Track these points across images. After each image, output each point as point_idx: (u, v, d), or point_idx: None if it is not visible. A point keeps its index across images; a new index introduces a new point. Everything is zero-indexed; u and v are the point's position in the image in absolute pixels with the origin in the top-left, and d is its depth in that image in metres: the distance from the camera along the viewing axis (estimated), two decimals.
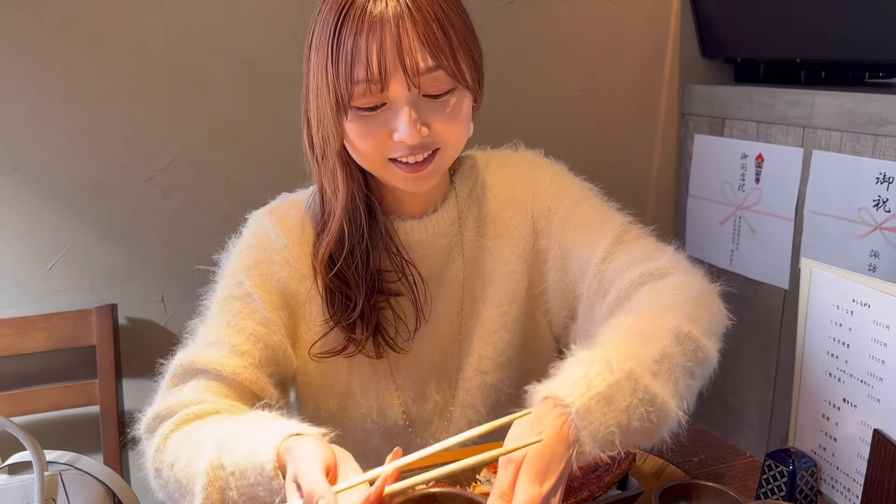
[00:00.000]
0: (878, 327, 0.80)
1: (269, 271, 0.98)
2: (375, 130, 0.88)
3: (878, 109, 1.40)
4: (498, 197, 1.08)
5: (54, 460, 1.24)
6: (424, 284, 1.02)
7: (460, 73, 0.89)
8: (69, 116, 1.35)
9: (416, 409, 1.05)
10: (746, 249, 1.72)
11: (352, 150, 0.93)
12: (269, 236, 1.00)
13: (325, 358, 1.00)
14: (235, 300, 0.97)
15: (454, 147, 0.94)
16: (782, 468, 0.88)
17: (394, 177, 0.92)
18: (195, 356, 0.95)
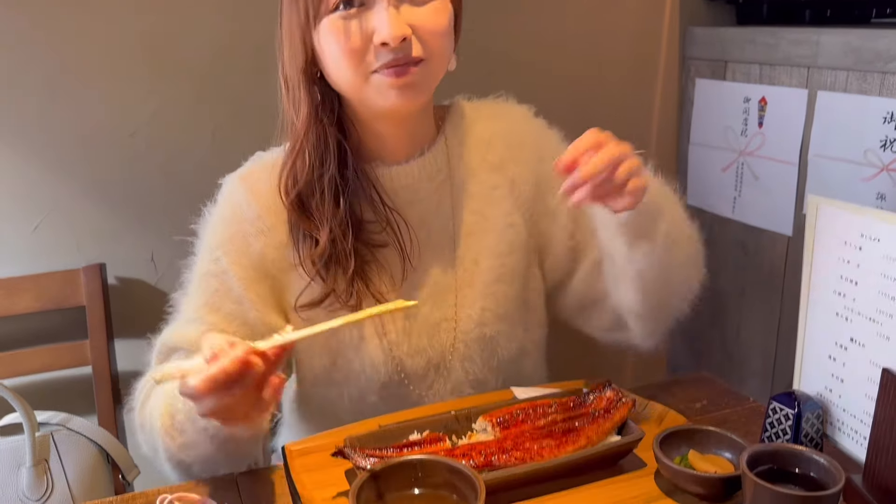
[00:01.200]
0: (889, 262, 0.76)
1: (244, 245, 0.97)
2: (353, 33, 0.84)
3: (886, 46, 1.35)
4: (495, 147, 1.05)
5: (45, 421, 1.22)
6: (410, 231, 0.98)
7: None
8: (46, 73, 1.30)
9: (411, 364, 1.02)
10: (749, 196, 1.68)
11: (332, 70, 0.89)
12: (241, 206, 0.97)
13: (308, 310, 0.96)
14: (213, 277, 0.97)
15: (439, 59, 0.90)
16: (787, 411, 0.85)
17: (378, 90, 0.88)
18: (176, 336, 0.96)
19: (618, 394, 0.90)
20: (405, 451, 0.81)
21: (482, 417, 0.89)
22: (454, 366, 1.04)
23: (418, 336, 1.02)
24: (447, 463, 0.73)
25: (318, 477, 0.84)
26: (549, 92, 1.69)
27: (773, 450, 0.75)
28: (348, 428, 0.92)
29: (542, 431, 0.86)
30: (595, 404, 0.90)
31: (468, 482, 0.71)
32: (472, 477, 0.70)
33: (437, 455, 0.77)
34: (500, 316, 1.05)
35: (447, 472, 0.73)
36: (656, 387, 1.06)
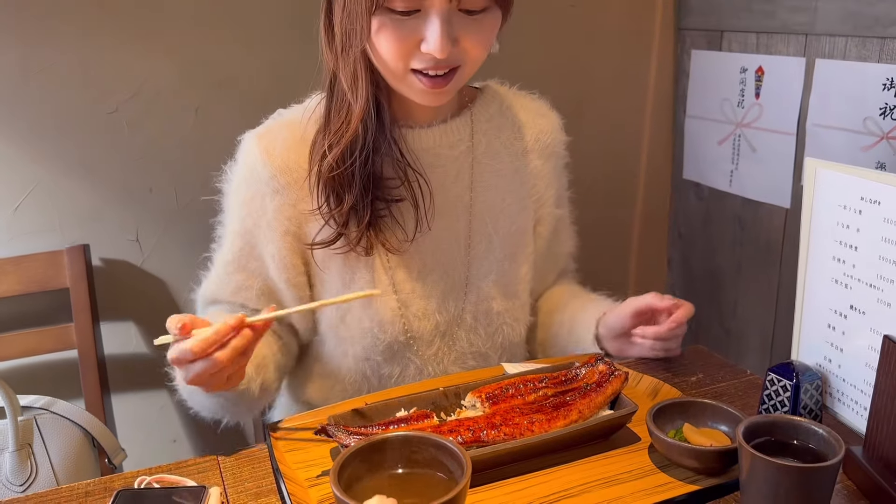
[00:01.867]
0: (890, 225, 0.73)
1: (262, 204, 1.00)
2: (404, 36, 0.87)
3: (886, 10, 1.31)
4: (525, 136, 1.10)
5: (29, 405, 1.20)
6: (430, 190, 1.00)
7: None
8: (24, 51, 1.27)
9: (418, 327, 1.04)
10: (746, 169, 1.65)
11: (374, 54, 0.91)
12: (256, 167, 1.00)
13: (321, 250, 0.99)
14: (237, 236, 1.02)
15: (473, 65, 0.93)
16: (785, 382, 0.83)
17: (411, 88, 0.92)
18: (210, 290, 1.05)
19: (610, 367, 0.87)
20: (391, 429, 0.79)
21: (471, 393, 0.86)
22: (460, 336, 1.06)
23: (427, 299, 1.04)
24: (432, 439, 0.70)
25: (302, 456, 0.82)
26: (544, 64, 1.66)
27: (770, 421, 0.72)
28: (334, 406, 0.89)
29: (533, 406, 0.83)
30: (587, 378, 0.88)
31: (455, 458, 0.68)
32: (459, 453, 0.67)
33: (424, 431, 0.74)
34: (508, 293, 1.08)
35: (433, 449, 0.70)
36: (651, 360, 1.03)
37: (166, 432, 1.52)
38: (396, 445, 0.71)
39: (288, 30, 1.41)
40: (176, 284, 1.46)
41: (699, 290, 1.85)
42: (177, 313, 1.11)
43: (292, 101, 1.05)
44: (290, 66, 1.42)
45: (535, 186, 1.10)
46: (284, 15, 1.40)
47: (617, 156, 1.82)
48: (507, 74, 1.13)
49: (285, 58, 1.42)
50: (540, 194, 1.11)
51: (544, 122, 1.12)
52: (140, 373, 1.46)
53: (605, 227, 1.84)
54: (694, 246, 1.85)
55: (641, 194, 1.88)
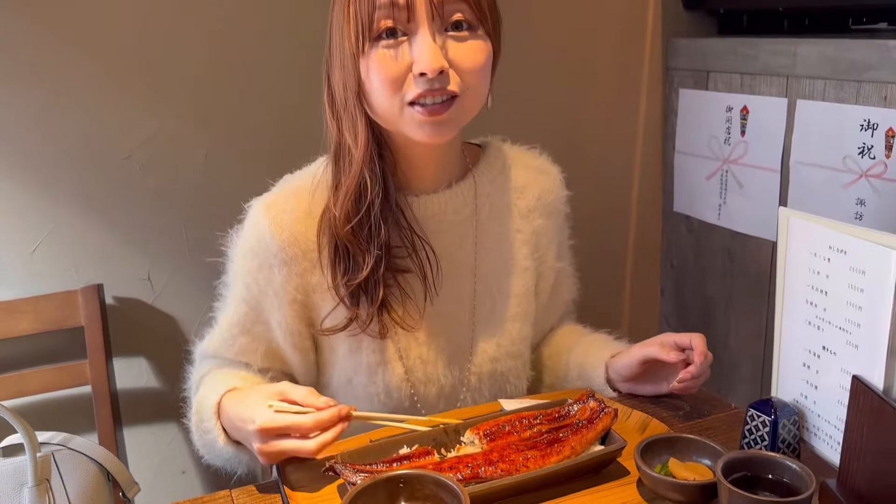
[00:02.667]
0: (855, 273, 0.79)
1: (270, 274, 1.01)
2: (395, 62, 0.88)
3: (861, 56, 1.38)
4: (527, 196, 1.11)
5: (46, 441, 1.24)
6: (436, 259, 1.01)
7: (482, 14, 0.90)
8: (43, 98, 1.33)
9: (424, 391, 1.06)
10: (734, 203, 1.71)
11: (371, 97, 0.92)
12: (264, 239, 1.00)
13: (331, 334, 1.02)
14: (243, 301, 1.04)
15: (473, 96, 0.93)
16: (764, 418, 0.88)
17: (411, 123, 0.91)
18: (211, 347, 1.08)
19: (601, 404, 0.93)
20: (394, 466, 0.84)
21: (470, 430, 0.92)
22: (465, 397, 1.09)
23: (434, 364, 1.06)
24: (433, 477, 0.75)
25: (312, 492, 0.87)
26: (537, 105, 1.73)
27: (747, 457, 0.78)
28: (341, 443, 0.95)
29: (528, 443, 0.89)
30: (579, 415, 0.93)
31: (454, 495, 0.73)
32: (458, 490, 0.73)
33: (425, 469, 0.80)
34: (512, 353, 1.10)
35: (433, 486, 0.76)
36: (640, 396, 1.08)
37: (176, 464, 1.57)
38: (400, 483, 0.76)
39: (295, 77, 1.48)
40: (186, 321, 1.51)
41: (692, 320, 1.91)
42: (187, 348, 1.19)
43: (296, 145, 1.09)
44: (297, 111, 1.49)
45: (537, 245, 1.12)
46: (292, 63, 1.47)
47: (609, 190, 1.88)
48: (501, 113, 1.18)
49: (292, 104, 1.49)
50: (542, 252, 1.13)
51: (546, 181, 1.13)
52: (151, 407, 1.52)
53: (600, 259, 1.90)
54: (686, 276, 1.91)
55: (634, 226, 1.94)
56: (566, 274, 1.21)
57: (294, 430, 0.86)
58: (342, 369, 1.06)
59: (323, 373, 1.09)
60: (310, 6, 1.46)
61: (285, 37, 1.46)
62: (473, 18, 0.90)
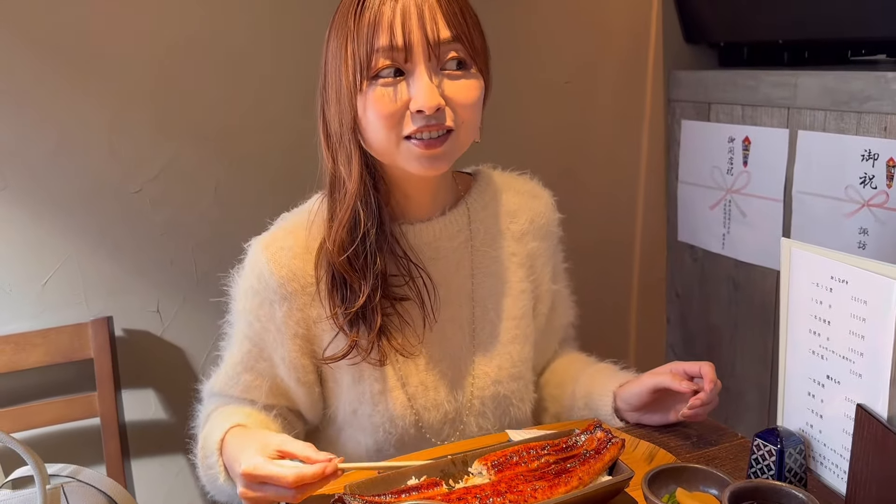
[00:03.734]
0: (857, 303, 0.80)
1: (271, 311, 1.03)
2: (393, 99, 0.91)
3: (860, 87, 1.40)
4: (519, 219, 1.14)
5: (56, 473, 1.25)
6: (434, 286, 1.04)
7: (475, 52, 0.95)
8: (56, 132, 1.36)
9: (428, 417, 1.07)
10: (738, 233, 1.73)
11: (367, 132, 0.95)
12: (264, 277, 1.03)
13: (332, 362, 1.03)
14: (246, 339, 1.06)
15: (466, 130, 0.97)
16: (770, 447, 0.89)
17: (408, 156, 0.94)
18: (217, 386, 1.10)
19: (608, 434, 0.93)
20: (403, 497, 0.84)
21: (478, 461, 0.92)
22: (469, 421, 1.09)
23: (436, 390, 1.07)
24: None
25: None
26: (540, 137, 1.75)
27: (754, 486, 0.78)
28: (349, 475, 0.95)
29: (536, 473, 0.89)
30: (586, 445, 0.93)
31: None
32: None
33: (434, 500, 0.80)
34: (513, 375, 1.11)
35: None
36: (647, 425, 1.09)
37: (183, 496, 1.57)
38: None
39: (304, 111, 1.51)
40: (194, 352, 1.53)
41: (698, 349, 1.91)
42: (194, 380, 1.20)
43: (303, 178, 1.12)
44: (306, 145, 1.50)
45: (532, 267, 1.14)
46: (301, 96, 1.50)
47: (614, 219, 1.90)
48: (507, 146, 1.21)
49: (301, 137, 1.51)
50: (537, 274, 1.15)
51: (538, 204, 1.16)
52: (159, 439, 1.52)
53: (605, 288, 1.91)
54: (691, 305, 1.91)
55: (638, 255, 1.95)
56: (563, 297, 1.22)
57: (275, 482, 0.86)
58: (347, 401, 1.07)
59: (328, 405, 1.10)
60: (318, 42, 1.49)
61: (294, 72, 1.49)
62: (467, 57, 0.94)
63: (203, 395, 1.14)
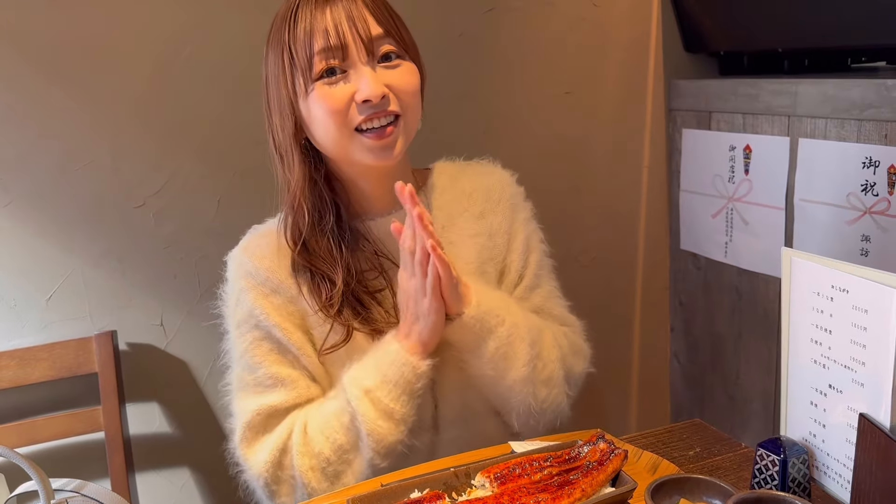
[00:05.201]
0: (858, 312, 0.80)
1: (268, 303, 1.06)
2: (338, 96, 0.98)
3: (861, 94, 1.41)
4: (476, 199, 1.17)
5: (60, 488, 1.25)
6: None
7: (406, 46, 1.03)
8: (60, 147, 1.37)
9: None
10: (740, 241, 1.73)
11: (318, 132, 1.01)
12: (251, 274, 1.07)
13: (333, 351, 1.05)
14: (262, 340, 1.06)
15: (412, 115, 1.03)
16: (774, 457, 0.88)
17: (361, 149, 1.00)
18: (268, 403, 1.04)
19: (611, 445, 0.93)
20: None
21: (481, 473, 0.92)
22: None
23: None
24: None
25: None
26: (542, 147, 1.76)
27: (757, 497, 0.78)
28: (352, 488, 0.95)
29: (539, 486, 0.89)
30: (589, 456, 0.93)
31: None
32: None
33: None
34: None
35: None
36: (651, 436, 1.09)
37: None
38: None
39: None
40: (198, 365, 1.53)
41: (702, 358, 1.91)
42: (198, 393, 1.18)
43: None
44: None
45: (495, 244, 1.15)
46: None
47: (616, 229, 1.90)
48: (508, 157, 1.21)
49: None
50: (498, 248, 1.15)
51: (490, 180, 1.19)
52: (163, 452, 1.52)
53: (609, 296, 1.91)
54: (695, 314, 1.91)
55: (641, 264, 1.95)
56: (541, 277, 1.20)
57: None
58: None
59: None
60: None
61: None
62: (399, 49, 1.02)
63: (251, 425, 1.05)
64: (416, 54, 1.06)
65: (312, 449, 1.01)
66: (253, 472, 1.04)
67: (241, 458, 1.05)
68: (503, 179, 1.20)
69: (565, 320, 1.21)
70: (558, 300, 1.22)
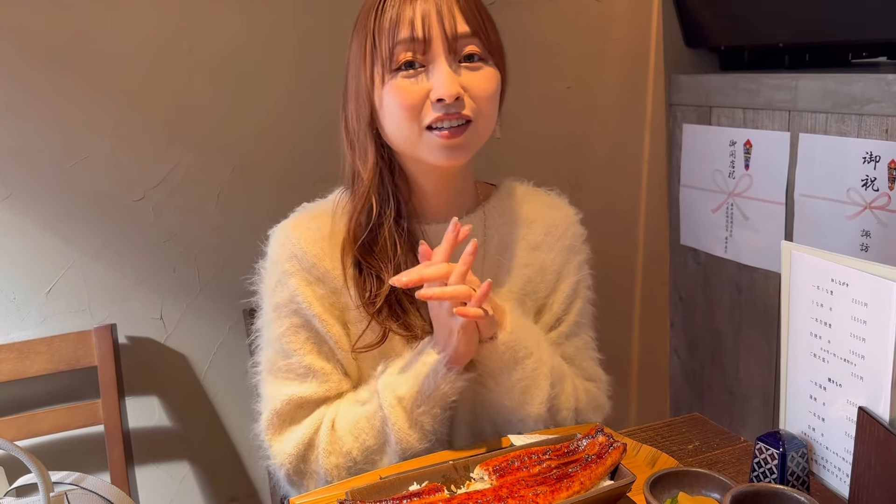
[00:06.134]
0: (857, 305, 0.80)
1: (311, 291, 1.03)
2: (413, 91, 0.96)
3: (861, 89, 1.40)
4: (535, 229, 1.13)
5: (59, 481, 1.25)
6: None
7: (492, 48, 1.00)
8: (59, 140, 1.37)
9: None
10: (740, 236, 1.72)
11: (389, 125, 0.99)
12: (297, 257, 1.04)
13: (366, 351, 1.03)
14: (301, 329, 1.03)
15: (485, 121, 1.00)
16: (773, 451, 0.88)
17: (429, 146, 0.98)
18: (298, 394, 1.03)
19: (610, 439, 0.93)
20: (404, 503, 0.84)
21: (479, 466, 0.92)
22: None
23: None
24: None
25: None
26: (542, 143, 1.75)
27: (755, 490, 0.78)
28: (350, 480, 0.95)
29: (538, 478, 0.89)
30: (588, 450, 0.93)
31: None
32: None
33: None
34: None
35: None
36: (650, 430, 1.09)
37: (186, 503, 1.57)
38: None
39: (306, 117, 1.51)
40: (197, 359, 1.53)
41: (702, 353, 1.91)
42: (197, 386, 1.16)
43: (305, 184, 1.12)
44: (308, 151, 1.52)
45: (541, 280, 1.12)
46: (302, 102, 1.51)
47: (616, 224, 1.90)
48: (508, 152, 1.21)
49: (301, 143, 1.52)
50: (545, 284, 1.13)
51: (556, 215, 1.15)
52: (163, 445, 1.52)
53: (608, 292, 1.90)
54: (694, 309, 1.91)
55: (641, 259, 1.95)
56: (580, 326, 1.16)
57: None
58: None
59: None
60: (316, 48, 1.50)
61: (296, 78, 1.50)
62: (484, 51, 0.99)
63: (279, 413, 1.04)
64: (502, 59, 1.03)
65: (341, 448, 1.00)
66: (276, 462, 1.03)
67: (265, 445, 1.05)
68: (568, 217, 1.16)
69: (593, 374, 1.17)
70: (591, 352, 1.18)
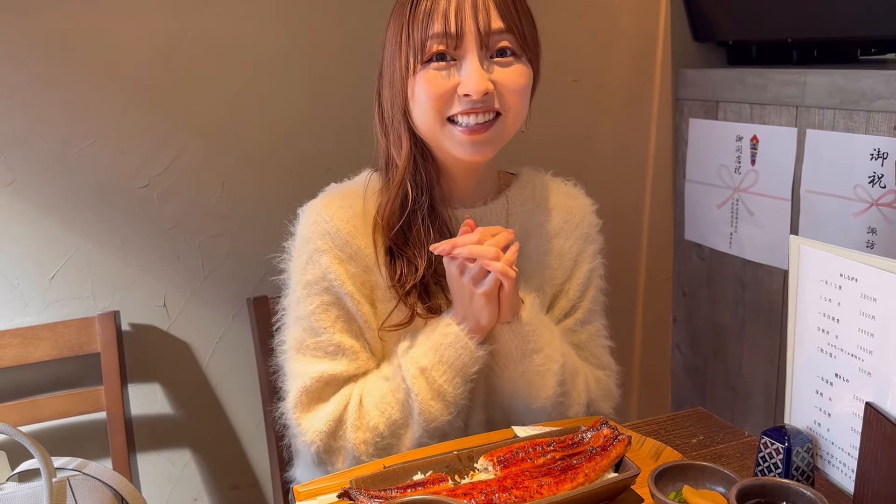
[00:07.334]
0: (866, 300, 0.80)
1: (343, 269, 1.04)
2: (442, 83, 0.96)
3: (870, 85, 1.40)
4: (554, 217, 1.16)
5: (62, 466, 1.25)
6: None
7: (525, 44, 1.00)
8: (64, 127, 1.37)
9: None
10: (745, 232, 1.72)
11: (416, 113, 1.00)
12: (329, 234, 1.04)
13: (393, 330, 1.05)
14: (331, 307, 1.04)
15: (514, 116, 1.01)
16: (778, 445, 0.88)
17: (451, 139, 0.99)
18: (328, 372, 1.03)
19: (614, 431, 0.93)
20: (408, 492, 0.84)
21: (484, 457, 0.92)
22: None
23: None
24: (447, 502, 0.76)
25: None
26: (548, 136, 1.75)
27: (761, 484, 0.78)
28: (354, 470, 0.95)
29: (542, 469, 0.89)
30: (592, 442, 0.93)
31: None
32: None
33: (439, 495, 0.80)
34: None
35: None
36: (654, 423, 1.09)
37: (188, 490, 1.57)
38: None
39: (307, 108, 1.51)
40: (200, 346, 1.53)
41: (704, 348, 1.91)
42: (200, 374, 1.16)
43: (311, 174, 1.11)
44: (313, 139, 1.51)
45: (559, 266, 1.15)
46: (306, 92, 1.50)
47: (621, 218, 1.89)
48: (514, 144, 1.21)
49: (307, 132, 1.51)
50: (562, 271, 1.15)
51: (574, 204, 1.18)
52: (165, 433, 1.53)
53: (611, 286, 1.89)
54: (698, 305, 1.91)
55: (645, 254, 1.95)
56: (593, 314, 1.20)
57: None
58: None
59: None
60: (325, 39, 1.50)
61: (302, 67, 1.49)
62: (517, 47, 0.99)
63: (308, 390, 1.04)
64: (536, 55, 1.05)
65: (368, 423, 1.02)
66: (306, 439, 1.03)
67: (293, 423, 1.05)
68: (585, 207, 1.19)
69: (603, 363, 1.20)
70: (602, 340, 1.21)
